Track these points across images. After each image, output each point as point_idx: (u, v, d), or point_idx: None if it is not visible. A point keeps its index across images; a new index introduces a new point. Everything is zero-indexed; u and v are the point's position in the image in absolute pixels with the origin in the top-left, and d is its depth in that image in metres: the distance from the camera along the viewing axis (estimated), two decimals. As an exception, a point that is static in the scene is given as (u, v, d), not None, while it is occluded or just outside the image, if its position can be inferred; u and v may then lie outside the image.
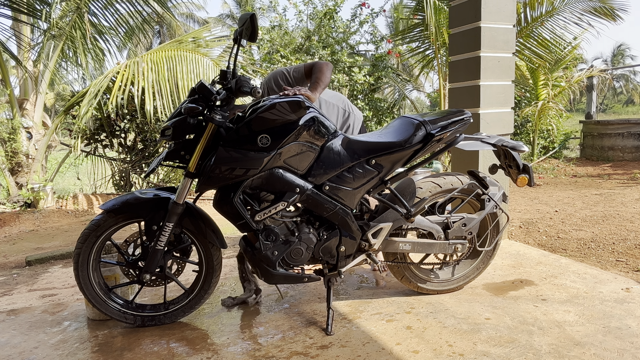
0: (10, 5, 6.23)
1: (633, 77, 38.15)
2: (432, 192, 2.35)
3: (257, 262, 2.12)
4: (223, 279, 2.92)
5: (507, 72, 3.33)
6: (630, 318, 2.18)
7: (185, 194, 2.10)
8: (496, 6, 3.20)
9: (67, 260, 4.23)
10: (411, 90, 11.68)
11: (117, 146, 7.31)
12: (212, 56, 6.68)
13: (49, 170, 7.76)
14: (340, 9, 8.49)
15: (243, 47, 2.00)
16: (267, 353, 1.98)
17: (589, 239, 3.95)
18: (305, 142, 2.06)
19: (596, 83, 10.93)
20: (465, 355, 1.91)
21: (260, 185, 2.05)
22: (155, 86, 6.14)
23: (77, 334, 2.23)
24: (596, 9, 7.66)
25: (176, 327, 2.26)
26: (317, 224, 2.20)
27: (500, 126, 3.32)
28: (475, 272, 2.57)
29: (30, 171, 6.87)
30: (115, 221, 2.14)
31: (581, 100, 15.58)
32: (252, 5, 12.11)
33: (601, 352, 1.90)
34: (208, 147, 2.02)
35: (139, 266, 2.19)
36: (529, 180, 2.31)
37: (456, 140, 2.33)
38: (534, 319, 2.21)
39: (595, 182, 7.16)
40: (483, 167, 3.20)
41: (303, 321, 2.28)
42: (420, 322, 2.21)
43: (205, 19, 27.05)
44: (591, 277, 2.71)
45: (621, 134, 9.09)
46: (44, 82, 7.28)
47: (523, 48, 7.87)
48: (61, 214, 6.32)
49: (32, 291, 3.39)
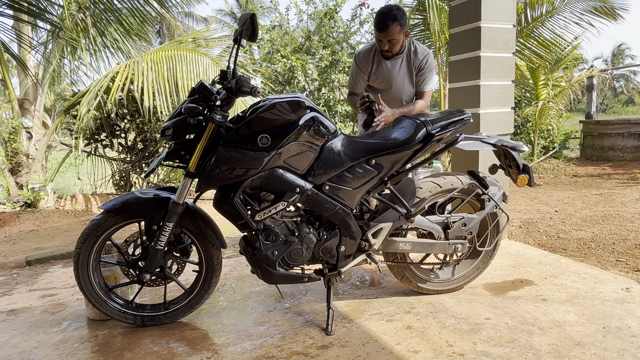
0: (12, 5, 6.23)
1: (633, 77, 38.15)
2: (432, 192, 2.35)
3: (257, 262, 2.12)
4: (223, 279, 2.92)
5: (507, 72, 3.33)
6: (630, 318, 2.18)
7: (185, 194, 2.10)
8: (496, 6, 3.19)
9: (67, 260, 4.23)
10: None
11: (117, 146, 7.31)
12: (212, 55, 6.68)
13: (49, 170, 7.76)
14: (340, 9, 8.50)
15: (243, 47, 2.00)
16: (267, 353, 1.98)
17: (589, 239, 3.95)
18: (305, 142, 2.06)
19: (596, 83, 10.93)
20: (465, 355, 1.91)
21: (261, 185, 2.05)
22: (155, 85, 6.14)
23: (77, 334, 2.23)
24: (597, 8, 7.65)
25: (176, 327, 2.26)
26: (317, 224, 2.21)
27: (500, 126, 3.32)
28: (475, 272, 2.57)
29: (30, 171, 6.88)
30: (115, 221, 2.14)
31: (581, 100, 15.57)
32: (253, 4, 12.10)
33: (601, 352, 1.90)
34: (208, 147, 2.02)
35: (139, 266, 2.19)
36: (529, 180, 2.31)
37: (456, 140, 2.33)
38: (534, 319, 2.21)
39: (595, 182, 7.16)
40: (483, 167, 3.20)
41: (303, 321, 2.28)
42: (420, 322, 2.21)
43: (205, 17, 27.05)
44: (591, 277, 2.71)
45: (621, 134, 9.08)
46: (44, 82, 7.28)
47: (523, 48, 7.86)
48: (61, 214, 6.32)
49: (32, 291, 3.39)
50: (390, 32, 2.63)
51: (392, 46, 2.71)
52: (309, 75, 8.12)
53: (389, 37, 2.66)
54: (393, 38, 2.66)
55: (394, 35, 2.65)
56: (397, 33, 2.65)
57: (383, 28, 2.63)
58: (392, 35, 2.64)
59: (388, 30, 2.62)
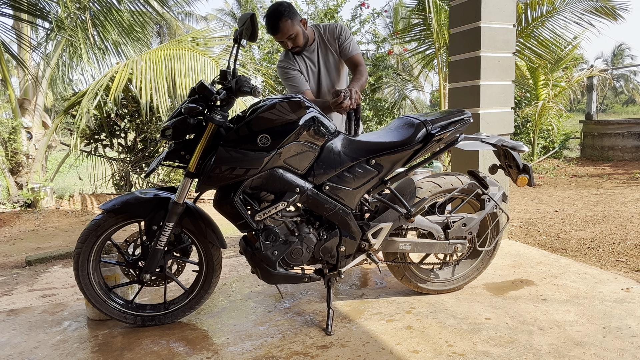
0: (13, 5, 6.23)
1: (633, 77, 38.14)
2: (432, 192, 2.35)
3: (257, 262, 2.12)
4: (223, 279, 2.92)
5: (507, 72, 3.33)
6: (630, 318, 2.18)
7: (185, 194, 2.10)
8: (496, 6, 3.19)
9: (67, 260, 4.23)
10: (411, 90, 11.68)
11: (117, 146, 7.31)
12: (212, 54, 6.68)
13: (49, 170, 7.77)
14: (341, 9, 8.51)
15: (243, 47, 2.00)
16: (267, 353, 1.98)
17: (589, 239, 3.95)
18: (305, 142, 2.06)
19: (596, 83, 10.93)
20: (465, 355, 1.91)
21: (261, 185, 2.05)
22: (153, 83, 6.14)
23: (77, 334, 2.23)
24: (597, 8, 7.65)
25: (176, 327, 2.26)
26: (317, 224, 2.20)
27: (500, 126, 3.32)
28: (475, 272, 2.57)
29: (30, 171, 6.88)
30: (115, 221, 2.14)
31: (581, 100, 15.57)
32: (253, 3, 12.07)
33: (601, 352, 1.90)
34: (208, 147, 2.02)
35: (139, 266, 2.19)
36: (529, 180, 2.31)
37: (456, 140, 2.33)
38: (534, 319, 2.21)
39: (595, 182, 7.16)
40: (483, 167, 3.20)
41: (303, 321, 2.28)
42: (420, 322, 2.21)
43: (205, 16, 27.06)
44: (591, 277, 2.71)
45: (621, 134, 9.09)
46: (44, 82, 7.28)
47: (523, 48, 7.87)
48: (61, 214, 6.33)
49: (32, 291, 3.39)
50: (284, 30, 2.56)
51: (295, 41, 2.63)
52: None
53: (285, 35, 2.59)
54: (290, 34, 2.59)
55: (289, 31, 2.57)
56: (291, 27, 2.57)
57: (275, 30, 2.57)
58: (286, 32, 2.57)
59: (281, 30, 2.56)
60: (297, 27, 2.60)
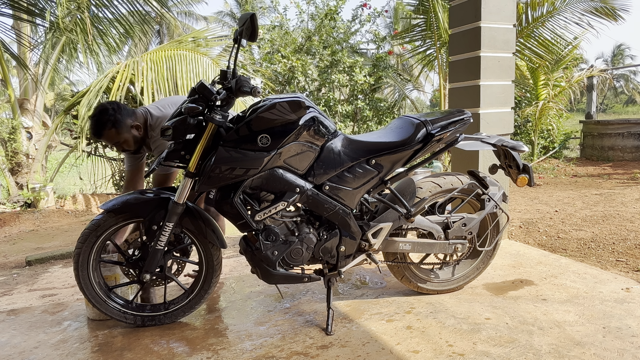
0: (12, 5, 6.23)
1: (633, 77, 38.15)
2: (432, 192, 2.35)
3: (257, 262, 2.12)
4: (223, 279, 2.93)
5: (507, 72, 3.33)
6: (630, 318, 2.18)
7: (186, 194, 2.10)
8: (496, 6, 3.20)
9: (67, 260, 4.23)
10: (411, 90, 11.69)
11: (117, 146, 7.29)
12: (212, 55, 6.68)
13: (49, 170, 7.77)
14: (341, 9, 8.51)
15: (243, 47, 2.00)
16: (267, 353, 1.98)
17: (589, 239, 3.95)
18: (305, 142, 2.06)
19: (596, 83, 10.93)
20: (465, 355, 1.91)
21: (260, 185, 2.05)
22: (155, 85, 6.14)
23: (77, 334, 2.23)
24: (597, 9, 7.66)
25: (176, 327, 2.26)
26: (317, 224, 2.21)
27: (500, 126, 3.32)
28: (475, 272, 2.57)
29: (30, 171, 6.88)
30: (116, 221, 2.14)
31: (581, 100, 15.57)
32: (253, 5, 12.08)
33: (601, 352, 1.90)
34: (208, 147, 2.02)
35: (139, 266, 2.19)
36: (529, 180, 2.31)
37: (456, 140, 2.33)
38: (534, 319, 2.21)
39: (595, 182, 7.16)
40: (483, 167, 3.20)
41: (303, 321, 2.28)
42: (420, 322, 2.21)
43: (205, 17, 27.05)
44: (591, 277, 2.71)
45: (621, 134, 9.08)
46: (44, 82, 7.28)
47: (523, 48, 7.87)
48: (61, 214, 6.33)
49: (32, 291, 3.39)
50: (107, 138, 2.40)
51: (124, 146, 2.46)
52: (309, 75, 8.13)
53: (111, 142, 2.42)
54: (115, 141, 2.41)
55: (113, 139, 2.40)
56: (115, 136, 2.39)
57: (98, 136, 2.38)
58: (110, 140, 2.40)
59: (104, 137, 2.40)
60: (124, 135, 2.40)
